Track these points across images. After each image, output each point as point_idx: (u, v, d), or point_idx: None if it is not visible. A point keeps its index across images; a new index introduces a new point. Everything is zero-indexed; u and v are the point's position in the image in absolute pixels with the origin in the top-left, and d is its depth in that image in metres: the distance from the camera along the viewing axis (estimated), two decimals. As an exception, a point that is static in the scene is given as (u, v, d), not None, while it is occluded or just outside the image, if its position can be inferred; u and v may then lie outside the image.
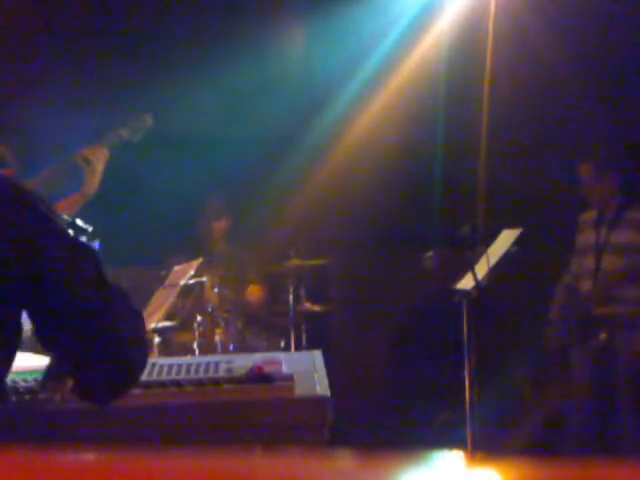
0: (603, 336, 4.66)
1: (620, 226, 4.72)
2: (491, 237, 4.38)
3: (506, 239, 4.29)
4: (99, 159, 3.64)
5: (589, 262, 4.75)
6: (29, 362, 2.22)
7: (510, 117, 5.44)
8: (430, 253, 4.26)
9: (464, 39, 5.52)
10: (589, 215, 4.85)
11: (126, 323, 1.73)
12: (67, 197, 3.67)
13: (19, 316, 1.71)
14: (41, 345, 1.76)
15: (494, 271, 4.19)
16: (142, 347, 1.79)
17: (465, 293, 4.03)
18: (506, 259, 4.35)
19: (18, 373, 2.04)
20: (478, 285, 3.96)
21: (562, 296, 4.88)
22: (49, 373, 1.99)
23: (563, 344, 4.77)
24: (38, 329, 1.72)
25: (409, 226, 5.72)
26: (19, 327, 1.72)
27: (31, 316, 1.70)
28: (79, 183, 3.68)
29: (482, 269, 4.06)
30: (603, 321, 4.66)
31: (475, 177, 5.45)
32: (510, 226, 4.56)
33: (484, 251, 4.17)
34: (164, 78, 5.45)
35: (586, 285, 4.74)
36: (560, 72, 5.42)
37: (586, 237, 4.81)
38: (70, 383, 1.90)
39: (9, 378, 2.02)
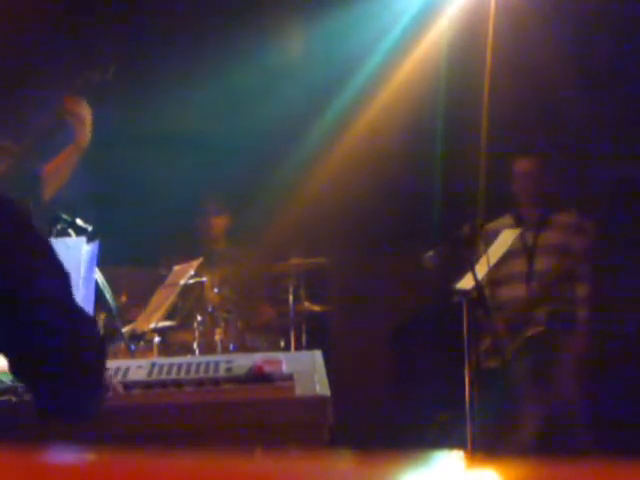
0: (533, 331, 4.74)
1: (548, 228, 4.81)
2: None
3: (506, 239, 4.30)
4: (83, 109, 3.61)
5: (518, 266, 4.80)
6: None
7: (510, 117, 5.44)
8: (430, 253, 4.26)
9: (464, 39, 5.51)
10: (503, 222, 4.90)
11: (88, 348, 1.72)
12: (60, 152, 3.66)
13: None
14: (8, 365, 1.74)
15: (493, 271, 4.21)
16: (100, 372, 1.76)
17: (465, 293, 4.03)
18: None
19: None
20: (478, 285, 3.96)
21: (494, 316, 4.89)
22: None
23: (505, 358, 4.80)
24: (4, 347, 1.70)
25: (409, 226, 5.72)
26: None
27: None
28: (70, 137, 3.66)
29: (482, 269, 4.06)
30: (539, 321, 4.74)
31: (475, 177, 5.45)
32: (510, 226, 4.58)
33: (484, 251, 4.18)
34: (164, 77, 5.45)
35: (517, 288, 4.79)
36: (560, 72, 5.42)
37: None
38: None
39: (9, 378, 2.03)
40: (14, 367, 1.71)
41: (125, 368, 2.20)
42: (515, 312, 4.80)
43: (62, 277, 1.70)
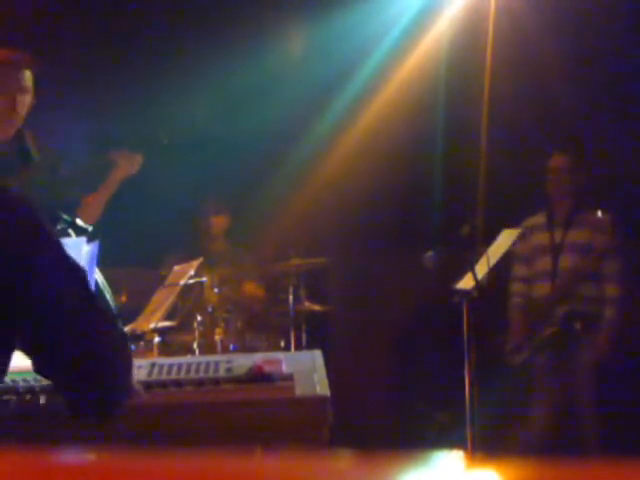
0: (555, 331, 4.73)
1: (575, 226, 4.80)
2: (491, 237, 4.38)
3: (506, 239, 4.29)
4: (139, 162, 4.01)
5: (545, 264, 4.81)
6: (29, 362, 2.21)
7: (510, 116, 5.44)
8: (430, 253, 4.26)
9: (464, 39, 5.52)
10: (537, 219, 4.91)
11: (111, 343, 1.72)
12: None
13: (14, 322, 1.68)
14: (32, 365, 1.74)
15: (494, 271, 4.21)
16: (126, 365, 1.77)
17: (465, 293, 4.03)
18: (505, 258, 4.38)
19: (18, 373, 2.04)
20: (478, 285, 3.96)
21: (520, 314, 4.91)
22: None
23: (525, 357, 4.81)
24: (25, 348, 1.70)
25: (409, 226, 5.72)
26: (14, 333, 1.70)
27: (19, 333, 1.67)
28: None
29: (482, 269, 4.06)
30: (563, 319, 4.73)
31: (475, 177, 5.45)
32: (510, 226, 4.58)
33: (484, 251, 4.17)
34: (164, 76, 5.45)
35: (543, 287, 4.79)
36: (560, 72, 5.42)
37: (537, 240, 4.87)
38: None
39: (9, 378, 2.02)
40: (36, 366, 1.72)
41: (125, 368, 2.19)
42: (535, 311, 4.80)
43: (76, 272, 1.70)
